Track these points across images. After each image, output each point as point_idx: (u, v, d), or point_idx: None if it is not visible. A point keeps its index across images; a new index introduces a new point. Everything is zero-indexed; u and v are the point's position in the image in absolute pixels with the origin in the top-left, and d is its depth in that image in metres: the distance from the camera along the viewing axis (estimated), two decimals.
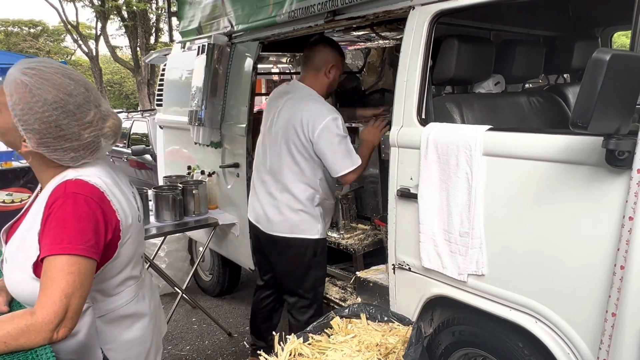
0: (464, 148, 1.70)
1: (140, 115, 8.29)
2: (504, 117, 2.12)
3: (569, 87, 2.63)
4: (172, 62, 4.24)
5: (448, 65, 2.05)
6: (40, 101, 1.12)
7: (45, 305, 1.05)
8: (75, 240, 1.09)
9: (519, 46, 2.33)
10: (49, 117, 1.12)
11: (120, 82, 30.22)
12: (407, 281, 2.03)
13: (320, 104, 2.38)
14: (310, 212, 2.43)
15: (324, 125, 2.27)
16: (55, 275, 1.07)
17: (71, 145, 1.16)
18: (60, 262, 1.07)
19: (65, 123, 1.14)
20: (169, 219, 3.16)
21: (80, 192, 1.13)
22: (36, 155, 1.19)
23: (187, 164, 3.79)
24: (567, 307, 1.49)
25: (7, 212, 5.74)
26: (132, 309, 1.33)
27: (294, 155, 2.37)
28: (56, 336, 1.06)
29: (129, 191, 1.33)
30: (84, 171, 1.20)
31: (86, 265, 1.10)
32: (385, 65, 4.24)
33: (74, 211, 1.11)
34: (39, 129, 1.13)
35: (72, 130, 1.15)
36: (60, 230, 1.09)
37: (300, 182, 2.40)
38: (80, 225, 1.10)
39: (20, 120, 1.13)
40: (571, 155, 1.44)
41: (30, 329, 1.04)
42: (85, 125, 1.17)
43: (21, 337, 1.04)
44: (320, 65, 2.43)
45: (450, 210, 1.77)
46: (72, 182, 1.15)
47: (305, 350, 1.85)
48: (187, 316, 3.78)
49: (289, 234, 2.44)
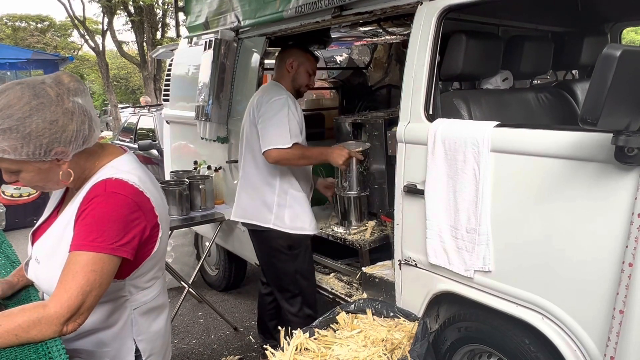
0: (472, 144, 1.70)
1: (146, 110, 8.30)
2: (511, 113, 2.11)
3: (577, 83, 2.61)
4: (178, 57, 4.25)
5: (456, 61, 2.04)
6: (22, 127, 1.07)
7: (61, 299, 1.06)
8: (106, 239, 1.09)
9: (527, 42, 2.32)
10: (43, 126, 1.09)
11: (126, 77, 30.29)
12: (413, 277, 2.03)
13: (275, 88, 2.52)
14: (265, 200, 2.50)
15: (267, 101, 2.41)
16: (78, 270, 1.08)
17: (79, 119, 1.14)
18: (85, 258, 1.08)
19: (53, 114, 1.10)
20: (176, 213, 3.17)
21: (119, 192, 1.14)
22: (76, 161, 1.18)
23: (194, 159, 3.80)
24: (574, 304, 1.48)
25: (16, 205, 5.79)
26: (160, 301, 1.36)
27: (249, 138, 2.51)
28: (66, 329, 1.07)
29: (157, 183, 1.34)
30: (120, 167, 1.21)
31: (110, 264, 1.11)
32: (392, 61, 4.23)
33: (111, 210, 1.12)
34: (54, 139, 1.10)
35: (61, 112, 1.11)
36: (93, 227, 1.10)
37: (255, 166, 2.51)
38: (115, 225, 1.11)
39: (36, 153, 1.09)
40: (580, 152, 1.43)
41: (42, 321, 1.05)
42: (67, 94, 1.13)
43: (32, 329, 1.05)
44: (283, 62, 2.59)
45: (457, 206, 1.77)
46: (112, 181, 1.16)
47: (311, 345, 1.86)
48: (193, 310, 3.80)
49: (245, 220, 2.60)
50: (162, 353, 1.41)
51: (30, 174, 1.14)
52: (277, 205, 2.50)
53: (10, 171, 1.14)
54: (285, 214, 2.51)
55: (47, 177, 1.16)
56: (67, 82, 1.15)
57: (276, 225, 2.50)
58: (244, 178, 2.60)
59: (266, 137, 2.35)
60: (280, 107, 2.38)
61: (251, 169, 2.55)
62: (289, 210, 2.52)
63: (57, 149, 1.11)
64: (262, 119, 2.40)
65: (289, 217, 2.52)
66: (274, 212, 2.50)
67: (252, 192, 2.56)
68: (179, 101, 4.12)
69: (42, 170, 1.14)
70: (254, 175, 2.53)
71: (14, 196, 5.85)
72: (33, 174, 1.15)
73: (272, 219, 2.50)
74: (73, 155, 1.16)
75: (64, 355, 1.03)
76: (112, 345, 1.27)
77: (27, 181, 1.16)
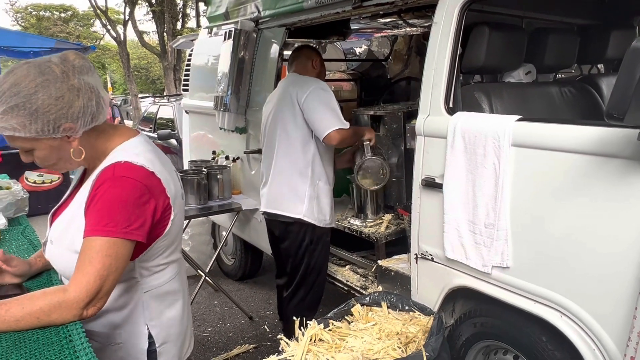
0: (492, 138, 1.67)
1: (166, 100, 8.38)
2: (534, 107, 2.07)
3: (602, 77, 2.54)
4: (198, 47, 4.27)
5: (478, 54, 2.00)
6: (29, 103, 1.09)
7: (80, 283, 1.08)
8: (118, 224, 1.11)
9: (551, 35, 2.27)
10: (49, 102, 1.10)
11: (147, 67, 30.61)
12: (429, 271, 2.02)
13: (310, 79, 2.58)
14: (298, 190, 2.52)
15: (311, 90, 2.47)
16: (93, 256, 1.09)
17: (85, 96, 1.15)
18: (99, 243, 1.10)
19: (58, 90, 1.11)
20: (194, 202, 3.20)
21: (128, 176, 1.15)
22: (87, 139, 1.19)
23: (212, 149, 3.82)
24: (594, 302, 1.46)
25: (39, 192, 5.92)
26: (174, 286, 1.35)
27: (286, 129, 2.53)
28: (85, 313, 1.10)
29: (172, 167, 1.34)
30: (130, 149, 1.22)
31: (124, 248, 1.13)
32: (412, 53, 4.18)
33: (120, 195, 1.13)
34: (61, 114, 1.12)
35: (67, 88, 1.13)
36: (104, 212, 1.12)
37: (290, 157, 2.53)
38: (125, 209, 1.12)
39: (44, 129, 1.11)
40: (604, 148, 1.40)
41: (63, 305, 1.07)
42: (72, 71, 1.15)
43: (53, 312, 1.07)
44: (308, 59, 2.69)
45: (476, 201, 1.75)
46: (120, 165, 1.16)
47: (325, 336, 1.87)
48: (209, 299, 3.85)
49: (275, 210, 2.61)
50: (179, 342, 1.39)
51: (43, 151, 1.16)
52: (309, 197, 2.53)
53: (25, 150, 1.17)
54: (314, 205, 2.54)
55: (58, 154, 1.18)
56: (73, 60, 1.17)
57: (306, 216, 2.53)
58: (277, 168, 2.60)
59: (325, 121, 2.42)
60: (328, 93, 2.50)
61: (285, 159, 2.57)
62: (317, 202, 2.55)
63: (65, 125, 1.13)
64: (312, 106, 2.45)
65: (317, 209, 2.55)
66: (305, 204, 2.52)
67: (284, 183, 2.58)
68: (198, 91, 4.14)
69: (54, 147, 1.16)
70: (288, 166, 2.55)
71: (36, 183, 5.98)
72: (46, 152, 1.16)
73: (303, 210, 2.53)
74: (83, 133, 1.17)
75: (84, 338, 1.06)
76: (124, 328, 1.28)
77: (42, 159, 1.19)
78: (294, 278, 2.67)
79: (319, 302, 2.74)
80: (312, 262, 2.62)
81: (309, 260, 2.61)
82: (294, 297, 2.68)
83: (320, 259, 2.65)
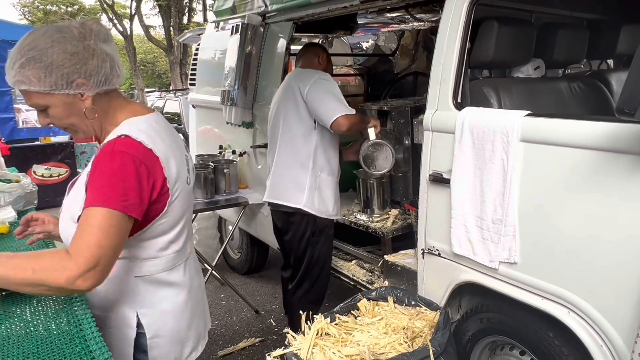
0: (501, 133, 1.67)
1: (172, 94, 8.40)
2: (543, 102, 2.06)
3: (612, 73, 2.52)
4: (205, 41, 4.27)
5: (486, 48, 1.99)
6: (45, 56, 1.14)
7: (79, 250, 1.07)
8: (116, 197, 1.11)
9: (561, 29, 2.25)
10: (64, 56, 1.15)
11: (153, 61, 30.64)
12: (436, 266, 2.02)
13: (312, 71, 2.61)
14: (298, 180, 2.53)
15: (313, 81, 2.49)
16: (93, 224, 1.09)
17: (100, 58, 1.19)
18: (100, 213, 1.09)
19: (74, 47, 1.16)
20: (200, 196, 3.22)
21: (126, 151, 1.16)
22: (99, 102, 1.22)
23: (219, 143, 3.83)
24: (602, 299, 1.45)
25: (46, 185, 5.96)
26: (173, 278, 1.32)
27: (289, 121, 2.55)
28: (81, 282, 1.06)
29: (181, 151, 1.34)
30: (135, 125, 1.23)
31: (123, 222, 1.12)
32: (419, 48, 4.17)
33: (118, 169, 1.13)
34: (75, 69, 1.16)
35: (82, 47, 1.17)
36: (103, 185, 1.12)
37: (292, 148, 2.55)
38: (123, 183, 1.12)
39: (58, 83, 1.15)
40: (614, 144, 1.39)
41: (59, 266, 1.05)
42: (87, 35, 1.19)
43: (50, 270, 1.05)
44: (315, 55, 2.72)
45: (484, 196, 1.75)
46: (121, 140, 1.18)
47: (332, 330, 1.87)
48: (215, 292, 3.87)
49: (276, 200, 2.63)
50: (177, 341, 1.34)
51: (57, 108, 1.19)
52: (309, 187, 2.54)
53: (40, 109, 1.20)
54: (315, 196, 2.55)
55: (72, 111, 1.20)
56: (91, 25, 1.22)
57: (306, 206, 2.54)
58: (278, 160, 2.64)
59: (330, 109, 2.42)
60: (330, 82, 2.52)
61: (287, 151, 2.59)
62: (318, 193, 2.55)
63: (78, 80, 1.16)
64: (316, 95, 2.46)
65: (318, 200, 2.55)
66: (305, 194, 2.53)
67: (285, 173, 2.60)
68: (205, 86, 4.15)
69: (67, 104, 1.19)
70: (290, 157, 2.57)
71: (44, 176, 6.02)
72: (59, 109, 1.19)
73: (303, 200, 2.53)
74: (97, 96, 1.20)
75: (94, 327, 1.07)
76: (115, 311, 1.26)
77: (56, 118, 1.21)
78: (297, 271, 2.69)
79: (323, 296, 2.74)
80: (315, 255, 2.62)
81: (311, 253, 2.62)
82: (298, 290, 2.69)
83: (323, 252, 2.65)
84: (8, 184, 1.99)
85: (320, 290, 2.71)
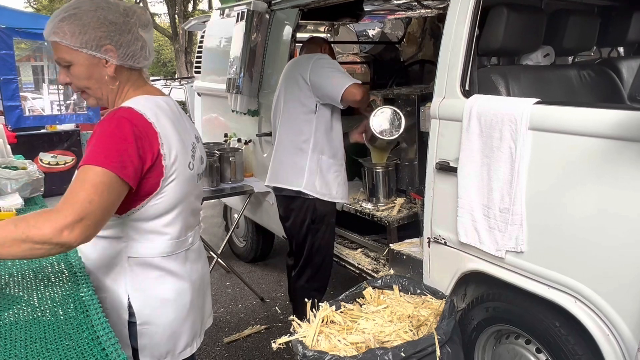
0: (509, 122, 1.65)
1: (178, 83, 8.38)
2: (552, 90, 2.03)
3: (623, 61, 2.48)
4: (210, 29, 4.24)
5: (495, 35, 1.96)
6: (85, 16, 1.20)
7: (68, 202, 1.07)
8: (111, 158, 1.12)
9: (571, 16, 2.21)
10: (103, 21, 1.21)
11: (158, 49, 30.45)
12: (442, 255, 2.02)
13: (310, 54, 2.61)
14: (296, 163, 2.53)
15: (313, 61, 2.49)
16: (86, 179, 1.09)
17: (134, 36, 1.25)
18: (93, 171, 1.10)
19: (115, 17, 1.23)
20: (206, 185, 3.22)
21: (126, 117, 1.18)
22: (120, 74, 1.26)
23: (224, 132, 3.83)
24: (609, 288, 1.44)
25: (53, 173, 5.98)
26: (168, 265, 1.31)
27: (288, 105, 2.56)
28: (67, 233, 1.04)
29: (188, 135, 1.35)
30: (141, 102, 1.25)
31: (117, 185, 1.12)
32: (426, 35, 4.12)
33: (115, 131, 1.15)
34: (108, 35, 1.21)
35: (122, 20, 1.24)
36: (100, 144, 1.14)
37: (291, 132, 2.55)
38: (118, 146, 1.14)
39: (89, 43, 1.20)
40: (626, 132, 1.37)
41: (43, 219, 1.05)
42: (127, 14, 1.26)
43: (35, 224, 1.04)
44: (316, 47, 2.72)
45: (491, 185, 1.73)
46: (123, 108, 1.21)
47: (337, 318, 1.88)
48: (221, 280, 3.89)
49: (276, 184, 2.64)
50: (170, 332, 1.32)
51: (80, 67, 1.23)
52: (309, 170, 2.52)
53: (64, 64, 1.23)
54: (316, 178, 2.53)
55: (93, 74, 1.24)
56: (137, 10, 1.29)
57: (307, 189, 2.52)
58: (279, 144, 2.64)
59: (337, 83, 2.41)
60: (329, 59, 2.53)
61: (287, 135, 2.58)
62: (320, 176, 2.54)
63: (107, 45, 1.21)
64: (319, 73, 2.45)
65: (320, 183, 2.54)
66: (305, 176, 2.52)
67: (285, 156, 2.59)
68: (211, 74, 4.13)
69: (91, 65, 1.23)
70: (290, 140, 2.57)
71: (50, 164, 6.04)
72: (82, 69, 1.23)
73: (303, 183, 2.52)
74: (119, 68, 1.25)
75: (101, 312, 1.07)
76: (109, 292, 1.27)
77: (76, 77, 1.25)
78: (299, 258, 2.69)
79: (326, 284, 2.74)
80: (316, 244, 2.61)
81: (312, 241, 2.60)
82: (300, 278, 2.69)
83: (325, 240, 2.64)
84: (15, 171, 1.99)
85: (323, 279, 2.71)
